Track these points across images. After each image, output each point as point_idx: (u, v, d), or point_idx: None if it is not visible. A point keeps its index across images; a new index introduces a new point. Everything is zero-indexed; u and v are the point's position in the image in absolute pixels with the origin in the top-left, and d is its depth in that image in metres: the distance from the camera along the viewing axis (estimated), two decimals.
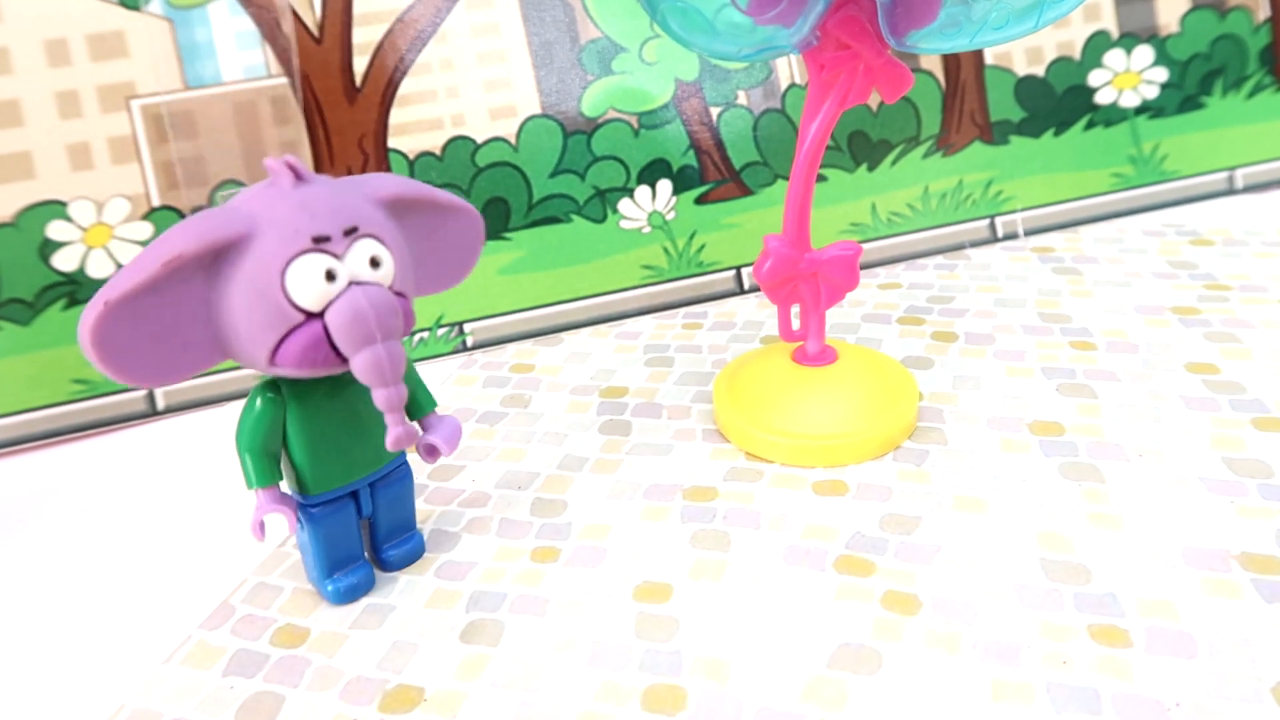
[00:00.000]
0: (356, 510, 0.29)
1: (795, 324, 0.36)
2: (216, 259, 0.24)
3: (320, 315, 0.24)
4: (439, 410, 0.30)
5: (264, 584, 0.31)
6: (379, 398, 0.25)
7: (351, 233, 0.25)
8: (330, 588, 0.30)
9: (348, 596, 0.30)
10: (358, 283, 0.25)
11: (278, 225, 0.24)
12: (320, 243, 0.24)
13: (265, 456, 0.27)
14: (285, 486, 0.29)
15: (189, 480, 0.38)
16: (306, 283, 0.24)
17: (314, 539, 0.29)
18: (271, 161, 0.25)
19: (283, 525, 0.33)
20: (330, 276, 0.24)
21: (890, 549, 0.30)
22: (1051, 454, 0.33)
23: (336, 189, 0.26)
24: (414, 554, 0.31)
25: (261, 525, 0.27)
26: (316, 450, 0.28)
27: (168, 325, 0.24)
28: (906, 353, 0.41)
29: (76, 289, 0.43)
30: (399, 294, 0.26)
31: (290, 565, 0.32)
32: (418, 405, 0.30)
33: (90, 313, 0.23)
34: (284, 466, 0.28)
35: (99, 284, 0.42)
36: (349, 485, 0.29)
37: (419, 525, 0.32)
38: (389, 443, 0.26)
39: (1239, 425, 0.34)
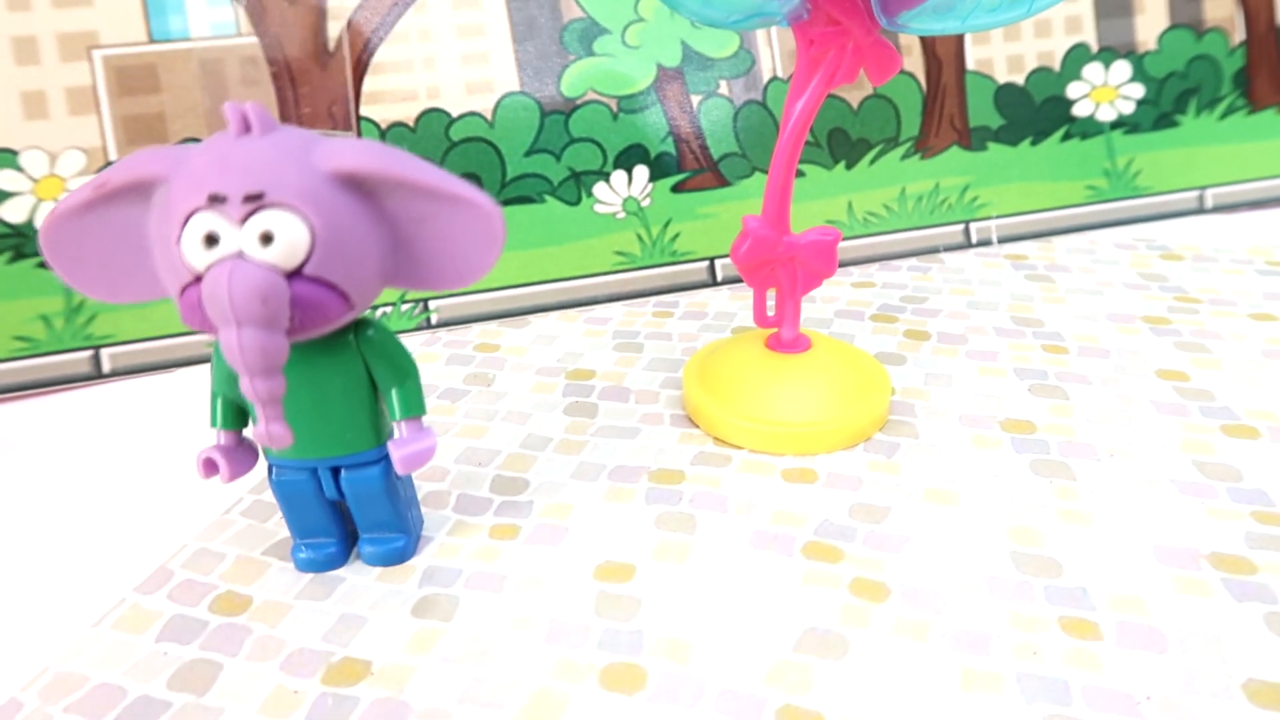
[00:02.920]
0: (319, 488, 0.27)
1: (770, 310, 0.36)
2: (144, 194, 0.23)
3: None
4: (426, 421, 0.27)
5: (206, 549, 0.30)
6: (243, 385, 0.22)
7: (255, 199, 0.22)
8: (297, 555, 0.28)
9: (307, 567, 0.28)
10: (243, 256, 0.22)
11: (187, 176, 0.22)
12: (215, 203, 0.22)
13: (227, 400, 0.26)
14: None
15: (133, 444, 0.36)
16: (189, 243, 0.22)
17: (280, 502, 0.28)
18: (228, 106, 0.23)
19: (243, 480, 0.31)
20: (210, 241, 0.22)
21: (859, 537, 0.29)
22: (1023, 451, 0.33)
23: (275, 149, 0.23)
24: (391, 556, 0.28)
25: (207, 463, 0.26)
26: None
27: (109, 247, 0.24)
28: (879, 349, 0.41)
29: (23, 242, 0.41)
30: (315, 280, 0.23)
31: (235, 532, 0.30)
32: (392, 407, 0.27)
33: (44, 221, 0.24)
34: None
35: None
36: (302, 461, 0.27)
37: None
38: (257, 436, 0.23)
39: (1209, 431, 0.34)
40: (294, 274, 0.23)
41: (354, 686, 0.24)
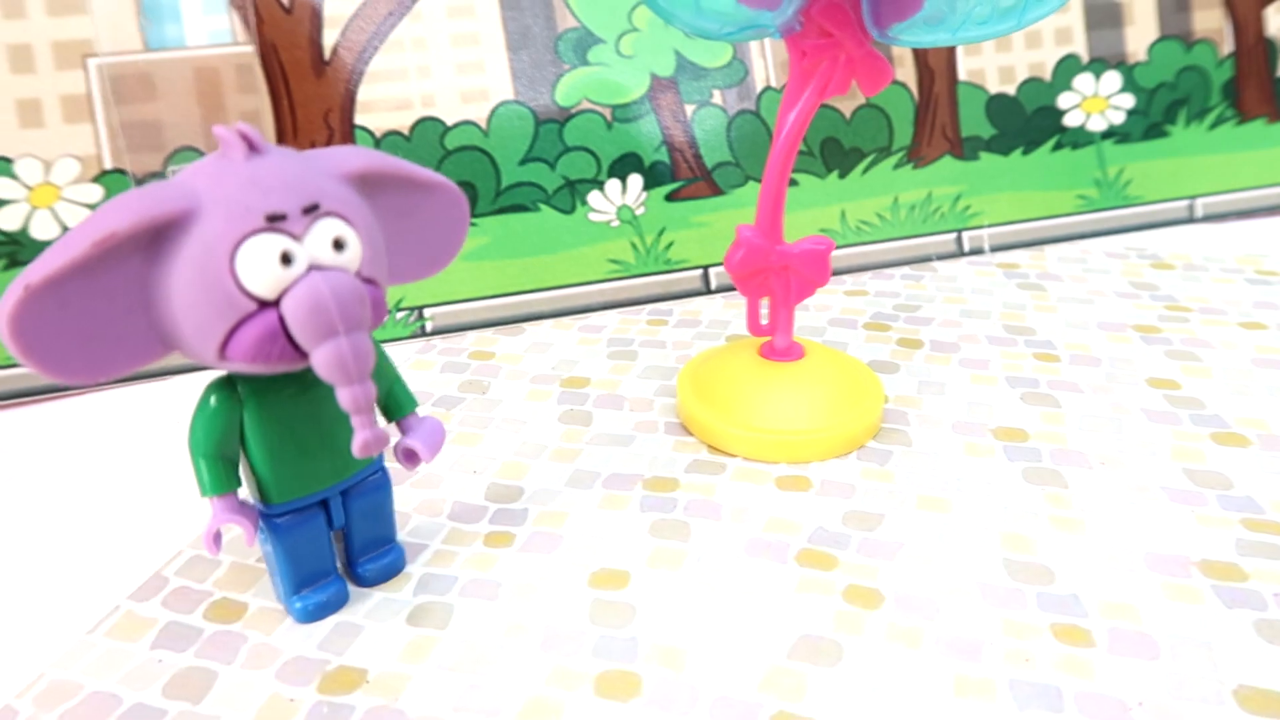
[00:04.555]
0: (327, 521, 0.27)
1: (764, 319, 0.36)
2: (155, 239, 0.21)
3: (275, 304, 0.22)
4: (419, 411, 0.27)
5: (200, 557, 0.30)
6: (343, 397, 0.22)
7: (312, 210, 0.22)
8: (298, 605, 0.27)
9: (316, 615, 0.27)
10: (318, 267, 0.22)
11: (226, 202, 0.21)
12: (275, 221, 0.21)
13: (220, 460, 0.25)
14: (246, 493, 0.26)
15: (128, 451, 0.36)
16: (259, 267, 0.21)
17: (279, 553, 0.26)
18: (221, 130, 0.22)
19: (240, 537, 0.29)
20: (286, 259, 0.21)
21: (853, 544, 0.29)
22: (1015, 459, 0.33)
23: (297, 162, 0.23)
24: (392, 569, 0.28)
25: (216, 537, 0.25)
26: (278, 455, 0.25)
27: (100, 313, 0.21)
28: (872, 357, 0.41)
29: (18, 249, 0.41)
30: (368, 280, 0.23)
31: (229, 539, 0.30)
32: (396, 404, 0.27)
33: (9, 299, 0.20)
34: (244, 472, 0.25)
35: (42, 246, 0.41)
36: (316, 494, 0.26)
37: (400, 536, 0.30)
38: (356, 448, 0.23)
39: (1199, 439, 0.34)
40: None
41: (349, 695, 0.24)
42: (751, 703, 0.23)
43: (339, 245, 0.22)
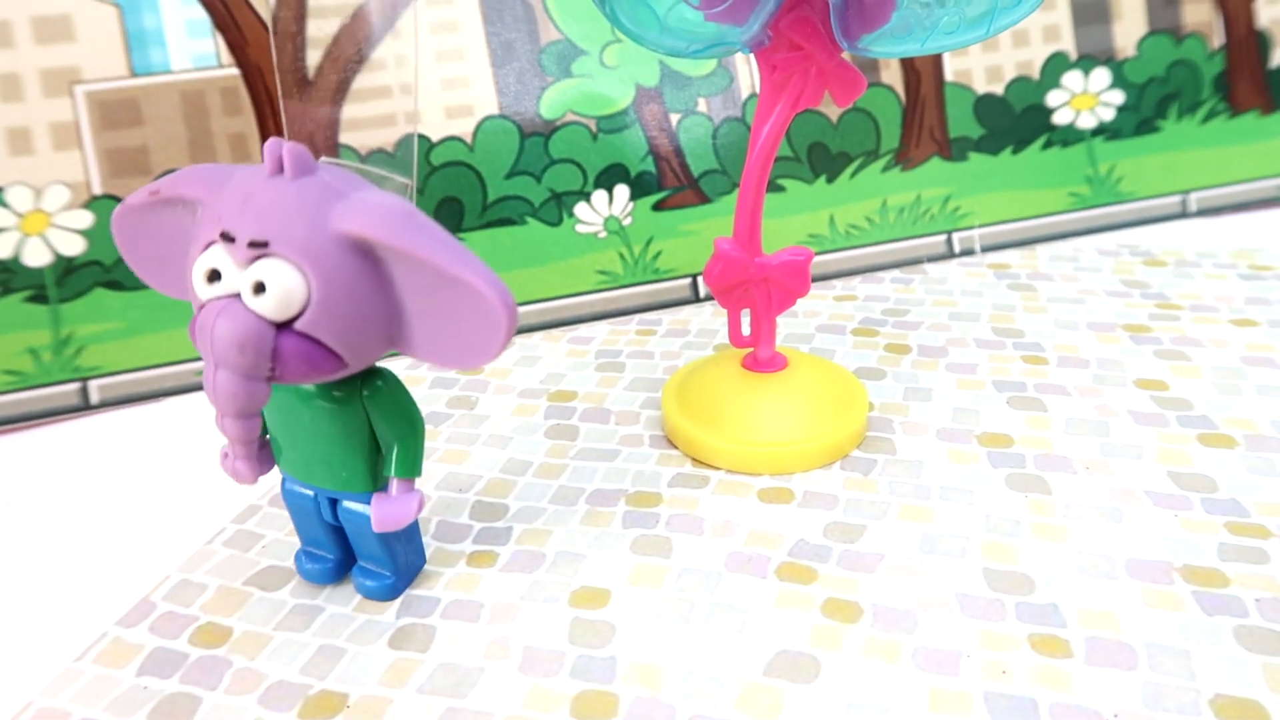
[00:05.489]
0: (319, 509, 0.28)
1: (746, 330, 0.36)
2: (191, 208, 0.24)
3: None
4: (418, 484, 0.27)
5: (188, 580, 0.30)
6: (216, 420, 0.23)
7: (259, 246, 0.22)
8: (300, 561, 0.29)
9: (307, 577, 0.29)
10: (232, 297, 0.22)
11: (215, 205, 0.23)
12: (226, 240, 0.22)
13: None
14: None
15: (119, 476, 0.37)
16: (196, 273, 0.23)
17: (286, 505, 0.29)
18: (271, 142, 0.23)
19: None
20: (213, 277, 0.23)
21: (834, 557, 0.29)
22: (999, 465, 0.33)
23: (297, 196, 0.22)
24: (377, 594, 0.28)
25: (226, 458, 0.25)
26: (275, 429, 0.27)
27: (162, 244, 0.26)
28: (859, 364, 0.41)
29: (10, 277, 0.41)
30: (302, 334, 0.22)
31: (217, 562, 0.31)
32: (386, 462, 0.27)
33: (115, 211, 0.26)
34: None
35: (34, 273, 0.41)
36: (298, 481, 0.28)
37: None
38: (221, 465, 0.25)
39: (1185, 440, 0.34)
40: (285, 325, 0.22)
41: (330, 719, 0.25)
42: None
43: (259, 288, 0.22)
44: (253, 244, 0.22)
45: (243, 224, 0.22)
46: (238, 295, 0.22)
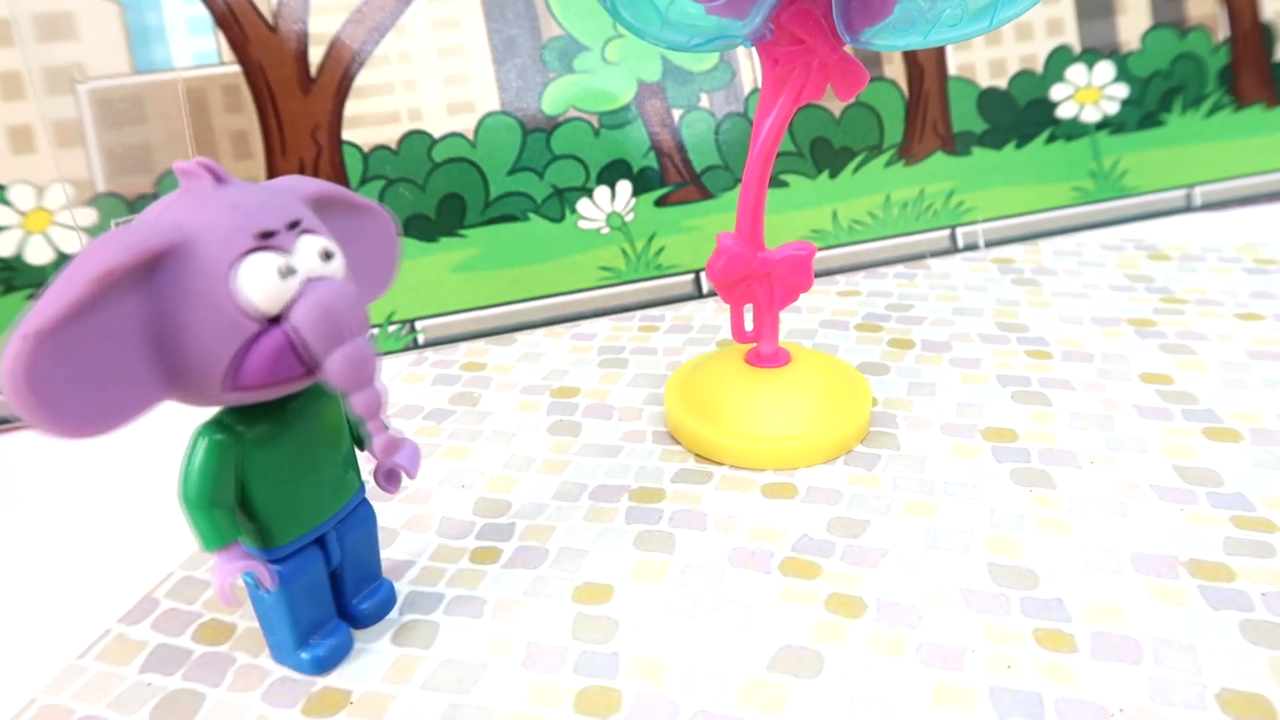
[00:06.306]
0: (325, 559, 0.26)
1: (749, 325, 0.36)
2: (149, 274, 0.20)
3: (277, 320, 0.21)
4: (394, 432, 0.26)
5: (191, 578, 0.30)
6: (358, 402, 0.22)
7: (295, 226, 0.22)
8: (306, 656, 0.26)
9: (329, 664, 0.26)
10: (312, 279, 0.22)
11: (214, 227, 0.21)
12: (266, 238, 0.21)
13: (220, 509, 0.23)
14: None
15: (121, 472, 0.37)
16: (260, 283, 0.21)
17: (284, 601, 0.25)
18: (183, 164, 0.22)
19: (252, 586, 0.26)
20: (285, 273, 0.21)
21: (837, 552, 0.29)
22: (1003, 459, 0.33)
23: (261, 189, 0.23)
24: (386, 605, 0.28)
25: (233, 588, 0.23)
26: (280, 491, 0.24)
27: (105, 358, 0.20)
28: (863, 359, 0.41)
29: (13, 275, 0.41)
30: None
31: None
32: (366, 435, 0.25)
33: (12, 352, 0.19)
34: (240, 519, 0.24)
35: (36, 271, 0.41)
36: (317, 529, 0.25)
37: (388, 552, 0.29)
38: (378, 449, 0.24)
39: (1191, 434, 0.34)
40: None
41: (333, 716, 0.25)
42: (731, 717, 0.23)
43: (327, 255, 0.23)
44: (291, 226, 0.22)
45: (271, 217, 0.22)
46: (308, 280, 0.22)
